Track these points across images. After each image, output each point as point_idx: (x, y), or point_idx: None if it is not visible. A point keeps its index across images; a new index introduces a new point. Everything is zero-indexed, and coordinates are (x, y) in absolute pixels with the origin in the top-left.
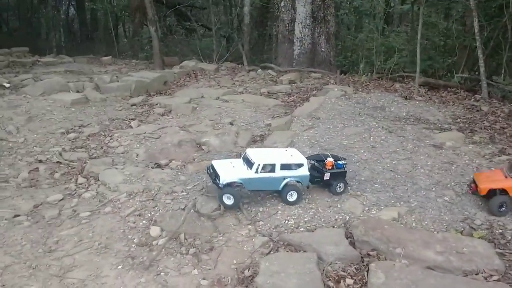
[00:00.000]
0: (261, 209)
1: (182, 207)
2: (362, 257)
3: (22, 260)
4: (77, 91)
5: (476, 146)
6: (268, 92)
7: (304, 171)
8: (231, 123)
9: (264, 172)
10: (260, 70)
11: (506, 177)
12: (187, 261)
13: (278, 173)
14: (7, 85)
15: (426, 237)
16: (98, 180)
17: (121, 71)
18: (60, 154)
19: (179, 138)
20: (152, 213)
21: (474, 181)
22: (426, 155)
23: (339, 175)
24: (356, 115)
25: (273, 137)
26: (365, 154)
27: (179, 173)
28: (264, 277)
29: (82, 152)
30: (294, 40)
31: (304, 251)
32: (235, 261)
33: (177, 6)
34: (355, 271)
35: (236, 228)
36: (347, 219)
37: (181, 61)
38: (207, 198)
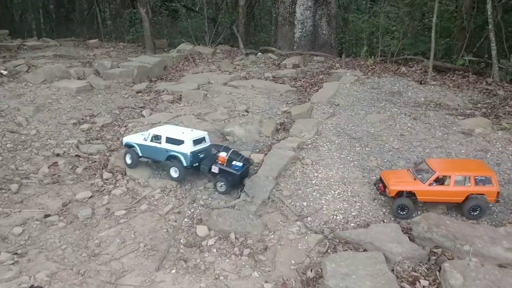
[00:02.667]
0: (305, 203)
1: (223, 204)
2: (428, 255)
3: (68, 266)
4: (78, 78)
5: (505, 132)
6: (274, 77)
7: (184, 148)
8: (246, 111)
9: (152, 142)
10: (259, 53)
11: (414, 179)
12: (243, 263)
13: (163, 145)
14: (4, 72)
15: (491, 233)
16: (125, 174)
17: (110, 54)
18: (77, 147)
19: (203, 129)
20: (192, 210)
21: (381, 181)
22: (458, 142)
23: (228, 174)
24: (375, 101)
25: (297, 125)
26: (395, 142)
27: None
28: (335, 280)
29: (99, 144)
30: (295, 23)
31: (365, 250)
32: (293, 261)
33: None
34: (426, 271)
35: (285, 225)
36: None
37: (169, 43)
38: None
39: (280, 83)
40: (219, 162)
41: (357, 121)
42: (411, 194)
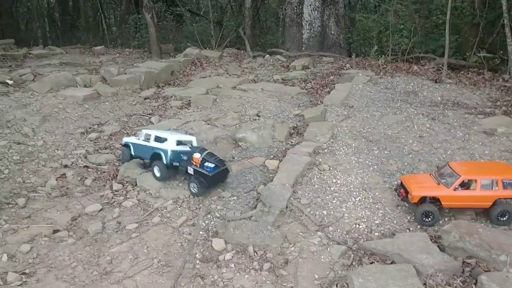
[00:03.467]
0: (325, 212)
1: (239, 215)
2: (461, 266)
3: (79, 285)
4: (85, 86)
5: None
6: (283, 79)
7: (166, 145)
8: (257, 115)
9: (143, 141)
10: (267, 55)
11: (438, 184)
12: (264, 278)
13: (151, 143)
14: (10, 82)
15: None
16: (136, 185)
17: (116, 60)
18: (86, 157)
19: (214, 135)
20: (206, 222)
21: (402, 186)
22: (480, 143)
23: (201, 175)
24: (390, 101)
25: (311, 129)
26: (414, 144)
27: None
28: None
29: (108, 153)
30: (303, 24)
31: (393, 262)
32: (316, 276)
33: None
34: (461, 284)
35: (305, 236)
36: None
37: (175, 48)
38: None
39: (290, 86)
40: (194, 163)
41: (373, 123)
42: (434, 200)
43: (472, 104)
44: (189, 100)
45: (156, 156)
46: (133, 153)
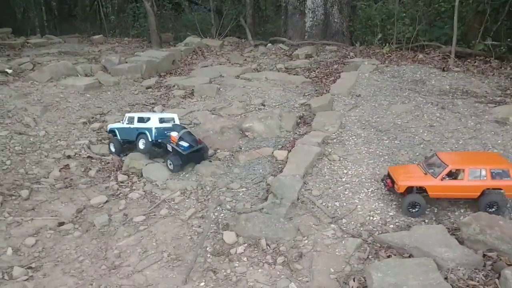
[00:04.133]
0: (337, 204)
1: (249, 207)
2: (483, 260)
3: (87, 280)
4: (86, 75)
5: None
6: (286, 68)
7: (150, 124)
8: (262, 104)
9: (127, 124)
10: (269, 44)
11: (425, 174)
12: (278, 273)
13: (135, 125)
14: (9, 71)
15: None
16: (142, 176)
17: (115, 50)
18: (89, 148)
19: (220, 125)
20: (216, 214)
21: (389, 176)
22: (492, 132)
23: (177, 153)
24: (398, 90)
25: (319, 118)
26: (425, 134)
27: (231, 165)
28: None
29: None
30: (306, 12)
31: (410, 255)
32: (332, 270)
33: None
34: (484, 278)
35: (318, 228)
36: (435, 211)
37: (174, 37)
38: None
39: (294, 74)
40: (171, 141)
41: (382, 112)
42: (421, 190)
43: (481, 92)
44: (192, 90)
45: (141, 135)
46: (119, 138)
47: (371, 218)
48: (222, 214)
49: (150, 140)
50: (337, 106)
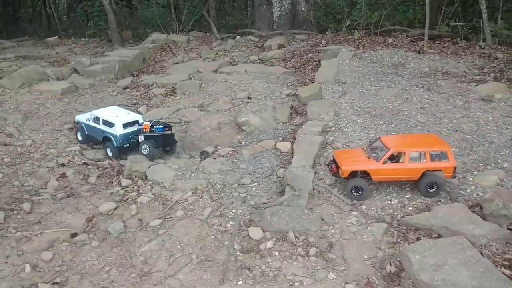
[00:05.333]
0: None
1: (264, 201)
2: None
3: None
4: (57, 79)
5: None
6: (260, 60)
7: (114, 130)
8: (248, 97)
9: (93, 122)
10: (238, 36)
11: (368, 158)
12: (313, 264)
13: (101, 126)
14: None
15: None
16: (147, 179)
17: (73, 51)
18: (82, 154)
19: (217, 121)
20: (233, 211)
21: (334, 161)
22: (482, 110)
23: (151, 138)
24: (381, 75)
25: (312, 108)
26: (418, 116)
27: (236, 161)
28: (427, 273)
29: (103, 148)
30: (273, 1)
31: (439, 235)
32: (365, 256)
33: None
34: None
35: (341, 216)
36: (448, 190)
37: (133, 34)
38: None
39: (270, 65)
40: (144, 130)
41: (371, 98)
42: (366, 174)
43: (460, 72)
44: (173, 87)
45: (107, 139)
46: (86, 132)
47: (389, 202)
48: (240, 211)
49: (115, 146)
50: (326, 94)
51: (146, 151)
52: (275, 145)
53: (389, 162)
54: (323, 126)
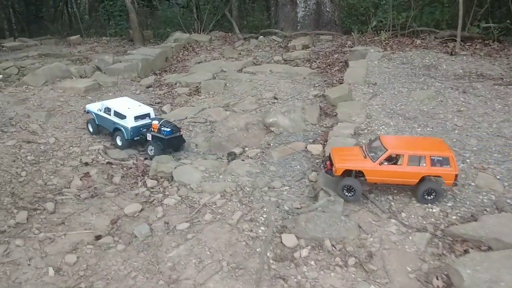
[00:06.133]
0: (390, 197)
1: (297, 206)
2: None
3: None
4: (81, 76)
5: None
6: (285, 60)
7: (126, 123)
8: (275, 97)
9: (104, 113)
10: (261, 37)
11: (365, 157)
12: (353, 276)
13: (112, 117)
14: (0, 76)
15: None
16: (173, 180)
17: (95, 50)
18: (105, 153)
19: (244, 121)
20: (265, 216)
21: (330, 158)
22: None
23: (158, 139)
24: (412, 76)
25: (343, 109)
26: (455, 119)
27: (265, 163)
28: None
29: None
30: (298, 2)
31: (489, 247)
32: (408, 268)
33: None
34: None
35: (379, 224)
36: (493, 198)
37: (154, 34)
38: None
39: (294, 66)
40: (152, 129)
41: (403, 100)
42: (361, 174)
43: (496, 75)
44: (197, 86)
45: (118, 130)
46: (97, 122)
47: (430, 210)
48: (272, 216)
49: (126, 138)
50: (356, 96)
51: (152, 152)
52: (306, 147)
53: (386, 163)
54: (355, 129)
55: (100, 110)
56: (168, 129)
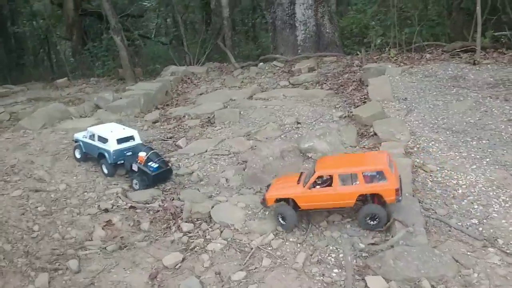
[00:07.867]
0: (474, 221)
1: (371, 242)
2: None
3: None
4: (81, 116)
5: None
6: (292, 84)
7: (108, 146)
8: (297, 122)
9: (90, 139)
10: (261, 63)
11: (298, 182)
12: None
13: (96, 142)
14: None
15: None
16: (212, 221)
17: (85, 91)
18: (126, 196)
19: (279, 148)
20: (333, 255)
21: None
22: None
23: (144, 173)
24: (442, 88)
25: (381, 127)
26: (509, 129)
27: None
28: None
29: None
30: (297, 25)
31: None
32: None
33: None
34: None
35: (477, 255)
36: None
37: (144, 71)
38: None
39: (305, 89)
40: (139, 161)
41: (443, 113)
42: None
43: None
44: (209, 117)
45: (102, 155)
46: (84, 150)
47: None
48: (341, 255)
49: (109, 163)
50: (389, 113)
51: (136, 186)
52: None
53: (318, 187)
54: (404, 147)
55: (85, 137)
56: (155, 165)
